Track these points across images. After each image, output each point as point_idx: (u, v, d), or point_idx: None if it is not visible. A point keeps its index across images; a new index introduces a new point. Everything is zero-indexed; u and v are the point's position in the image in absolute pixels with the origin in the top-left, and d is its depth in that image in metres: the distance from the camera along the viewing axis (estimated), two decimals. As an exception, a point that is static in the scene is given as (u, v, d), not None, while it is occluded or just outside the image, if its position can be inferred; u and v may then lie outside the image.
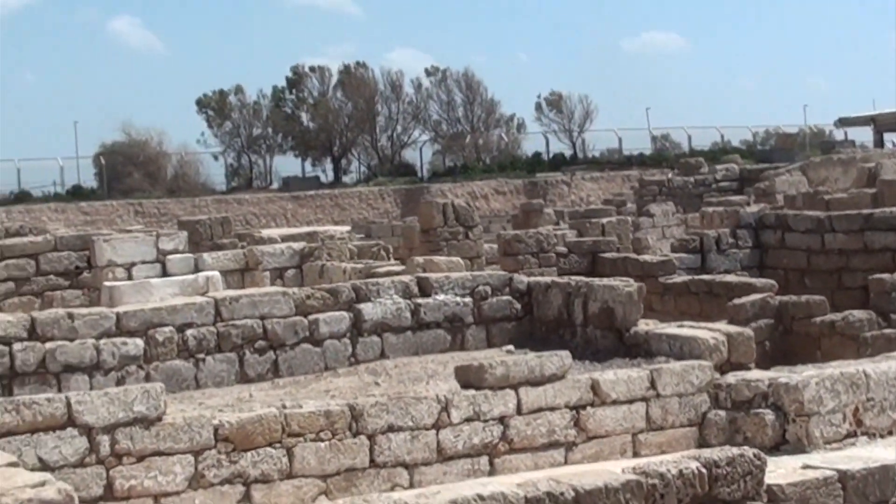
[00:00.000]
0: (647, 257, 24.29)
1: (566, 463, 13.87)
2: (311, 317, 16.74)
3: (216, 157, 74.77)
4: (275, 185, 72.10)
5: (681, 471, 8.77)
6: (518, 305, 17.95)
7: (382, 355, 17.08)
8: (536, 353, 14.22)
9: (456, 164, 72.65)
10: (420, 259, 20.40)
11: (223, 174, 73.75)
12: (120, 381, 15.55)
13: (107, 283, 21.87)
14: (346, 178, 74.02)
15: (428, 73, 77.91)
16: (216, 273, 22.25)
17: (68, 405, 11.77)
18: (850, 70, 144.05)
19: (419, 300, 17.38)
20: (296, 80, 77.40)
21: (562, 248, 25.02)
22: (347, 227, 39.54)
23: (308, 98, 76.91)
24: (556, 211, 37.42)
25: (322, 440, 12.72)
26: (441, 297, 17.45)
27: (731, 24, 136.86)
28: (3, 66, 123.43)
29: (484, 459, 13.50)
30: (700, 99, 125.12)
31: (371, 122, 74.86)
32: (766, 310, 19.62)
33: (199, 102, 76.29)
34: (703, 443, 14.29)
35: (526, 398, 13.71)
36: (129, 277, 22.41)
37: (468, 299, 17.64)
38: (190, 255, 23.06)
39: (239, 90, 75.80)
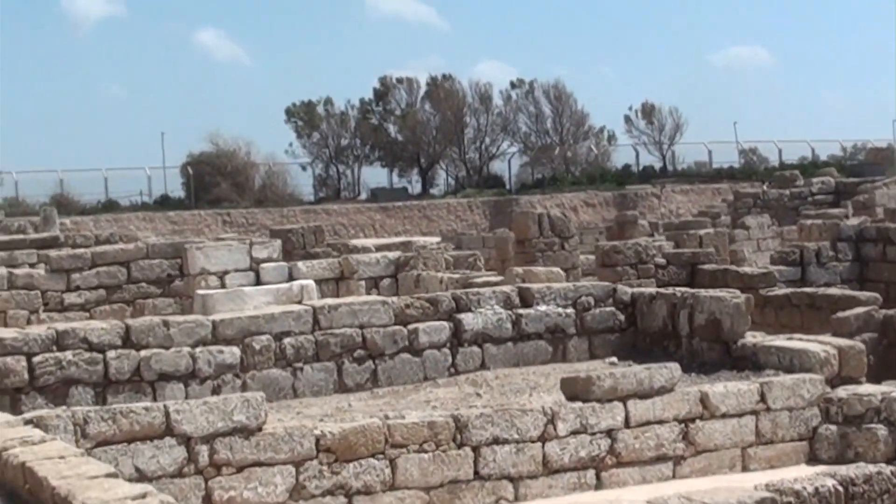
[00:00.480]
0: (747, 269, 23.75)
1: (674, 477, 13.51)
2: (411, 326, 16.37)
3: (304, 168, 74.77)
4: (363, 196, 71.92)
5: (817, 489, 8.36)
6: (621, 317, 17.49)
7: (483, 366, 16.67)
8: (644, 364, 13.78)
9: (544, 176, 72.12)
10: (519, 269, 20.01)
11: (311, 185, 73.69)
12: (216, 390, 15.27)
13: (199, 292, 21.67)
14: (433, 190, 73.71)
15: (514, 84, 77.45)
16: (311, 282, 21.97)
17: (166, 414, 11.50)
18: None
19: (520, 310, 16.96)
20: (383, 91, 77.27)
21: (660, 260, 24.52)
22: (437, 239, 39.19)
23: (396, 109, 76.71)
24: (650, 222, 36.82)
25: (425, 451, 12.39)
26: (543, 307, 17.02)
27: (816, 38, 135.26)
28: (89, 76, 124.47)
29: (590, 473, 13.12)
30: (787, 113, 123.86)
31: (459, 133, 74.49)
32: (870, 323, 19.06)
33: (287, 112, 76.31)
34: (813, 457, 13.97)
35: (634, 411, 13.33)
36: (222, 286, 22.16)
37: (570, 310, 17.20)
38: (284, 263, 22.78)
39: (328, 101, 75.79)
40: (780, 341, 15.51)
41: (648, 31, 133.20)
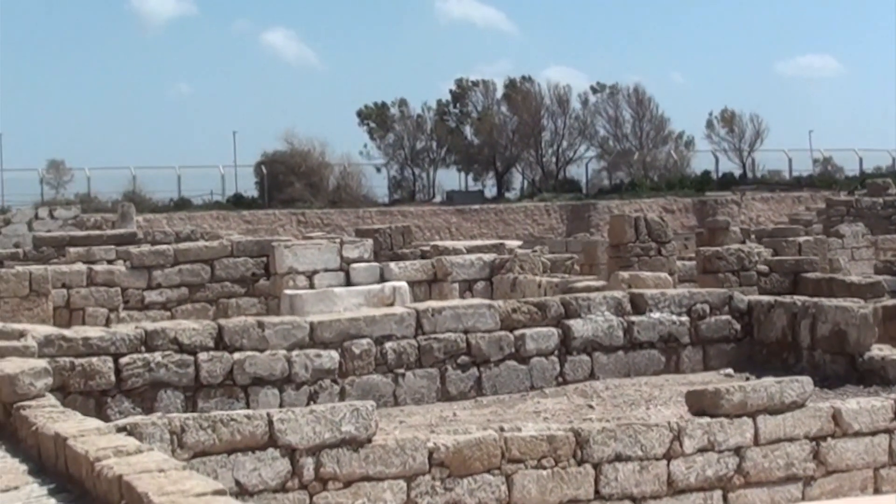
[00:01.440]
0: (854, 278, 22.63)
1: (804, 499, 12.64)
2: (517, 332, 15.51)
3: (378, 170, 74.21)
4: (437, 199, 71.20)
5: None
6: (737, 326, 16.56)
7: (592, 375, 15.80)
8: (774, 378, 12.81)
9: (622, 181, 71.05)
10: (625, 274, 19.12)
11: (385, 186, 73.12)
12: (312, 396, 14.50)
13: (287, 291, 20.90)
14: (508, 194, 72.81)
15: (595, 89, 76.40)
16: (403, 284, 21.15)
17: (270, 423, 10.67)
18: None
19: (632, 318, 16.07)
20: (460, 93, 76.52)
21: (763, 267, 23.48)
22: (518, 242, 38.28)
23: (472, 112, 75.89)
24: (742, 229, 35.73)
25: (544, 468, 11.54)
26: (656, 315, 16.12)
27: (886, 47, 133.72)
28: (160, 75, 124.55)
29: (717, 494, 12.25)
30: (859, 123, 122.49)
31: (536, 137, 73.58)
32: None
33: (359, 114, 75.82)
34: None
35: (764, 427, 12.43)
36: (311, 286, 21.38)
37: (685, 318, 16.28)
38: (375, 264, 21.96)
39: (402, 103, 75.11)
40: (910, 356, 14.55)
41: (717, 39, 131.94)
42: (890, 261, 24.37)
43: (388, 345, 14.90)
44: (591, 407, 14.36)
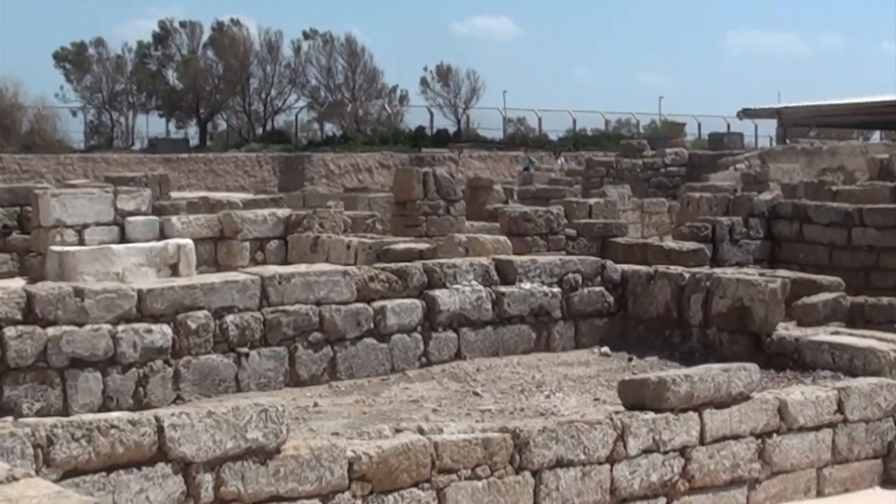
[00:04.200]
0: (672, 244, 21.05)
1: (748, 504, 10.72)
2: (376, 304, 13.17)
3: (74, 113, 70.02)
4: (136, 146, 67.57)
5: None
6: (610, 298, 14.59)
7: (458, 355, 13.59)
8: (720, 365, 10.87)
9: (334, 133, 68.70)
10: (462, 237, 16.86)
11: (82, 131, 68.99)
12: (142, 381, 11.93)
13: (55, 248, 17.94)
14: (210, 143, 69.47)
15: (307, 35, 73.62)
16: (189, 241, 18.45)
17: (159, 430, 8.11)
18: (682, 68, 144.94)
19: (501, 288, 13.92)
20: (163, 35, 72.71)
21: (570, 231, 21.69)
22: (246, 194, 35.63)
23: (176, 55, 72.21)
24: (504, 188, 33.94)
25: (479, 478, 9.32)
26: (527, 285, 14.01)
27: (562, 14, 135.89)
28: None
29: (661, 502, 10.21)
30: (535, 85, 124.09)
31: (243, 84, 70.43)
32: (837, 311, 16.53)
33: (56, 56, 71.44)
34: (887, 478, 11.61)
35: (710, 424, 10.52)
36: (81, 241, 18.45)
37: (556, 289, 14.24)
38: (154, 217, 19.14)
39: (99, 43, 71.01)
40: (834, 337, 12.87)
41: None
42: (696, 226, 22.81)
43: (228, 318, 12.39)
44: (476, 394, 12.18)
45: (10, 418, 8.41)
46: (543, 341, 14.11)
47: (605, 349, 14.07)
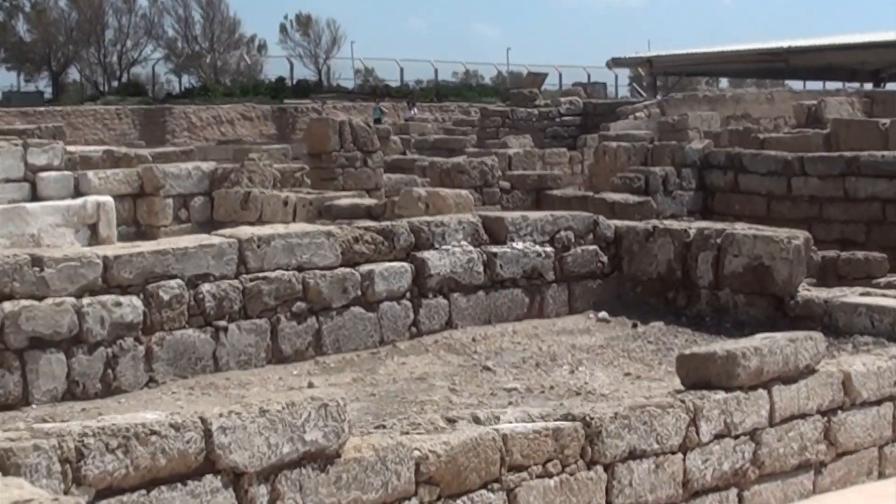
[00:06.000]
0: (616, 196, 19.86)
1: (815, 491, 9.65)
2: (363, 268, 11.68)
3: (-88, 66, 66.54)
4: (-14, 100, 64.51)
5: None
6: (604, 258, 13.28)
7: (449, 323, 12.18)
8: (786, 335, 9.59)
9: (193, 85, 66.34)
10: (422, 191, 15.36)
11: (-78, 84, 65.73)
12: (111, 362, 10.33)
13: (-41, 208, 16.12)
14: (63, 96, 66.57)
15: (164, -16, 70.98)
16: (108, 199, 16.72)
17: (207, 435, 6.61)
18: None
19: (491, 248, 12.51)
20: (11, -16, 69.56)
21: (504, 183, 20.36)
22: (105, 147, 33.53)
23: (25, 5, 69.13)
24: (401, 138, 32.37)
25: (550, 475, 7.94)
26: (519, 245, 12.61)
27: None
28: None
29: (733, 494, 8.99)
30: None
31: (98, 35, 67.60)
32: (808, 267, 15.55)
33: None
34: None
35: (780, 402, 9.25)
36: (-12, 200, 16.63)
37: (549, 248, 12.87)
38: (69, 173, 17.30)
39: (-59, -11, 67.71)
40: (870, 298, 11.72)
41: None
42: (629, 176, 21.58)
43: (204, 287, 10.82)
44: (488, 369, 10.81)
45: (22, 423, 6.80)
46: (536, 307, 12.75)
47: (604, 314, 12.77)
